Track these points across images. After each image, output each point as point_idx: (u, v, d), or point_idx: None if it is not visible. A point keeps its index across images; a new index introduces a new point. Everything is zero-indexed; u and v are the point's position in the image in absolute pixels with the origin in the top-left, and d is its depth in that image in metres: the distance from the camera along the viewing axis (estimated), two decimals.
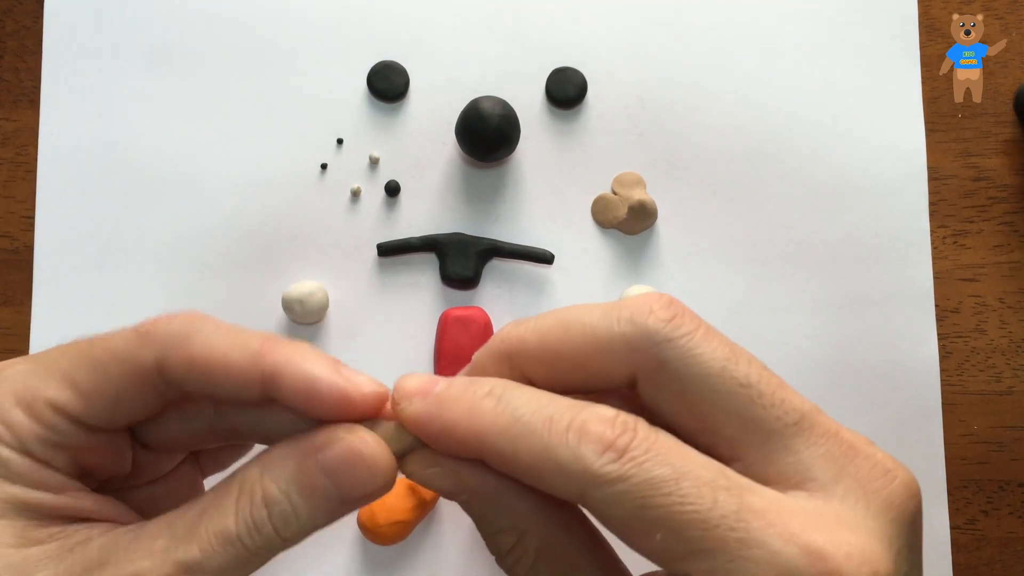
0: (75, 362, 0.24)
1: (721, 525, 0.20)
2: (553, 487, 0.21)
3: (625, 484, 0.20)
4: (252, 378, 0.23)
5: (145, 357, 0.23)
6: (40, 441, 0.23)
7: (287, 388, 0.23)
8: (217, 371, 0.23)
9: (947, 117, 0.51)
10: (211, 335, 0.23)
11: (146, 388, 0.23)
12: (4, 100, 0.51)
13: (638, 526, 0.20)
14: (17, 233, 0.50)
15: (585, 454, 0.21)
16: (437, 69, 0.51)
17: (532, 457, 0.21)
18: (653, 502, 0.20)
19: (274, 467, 0.23)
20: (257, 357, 0.23)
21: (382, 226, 0.50)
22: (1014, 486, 0.49)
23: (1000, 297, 0.50)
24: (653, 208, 0.49)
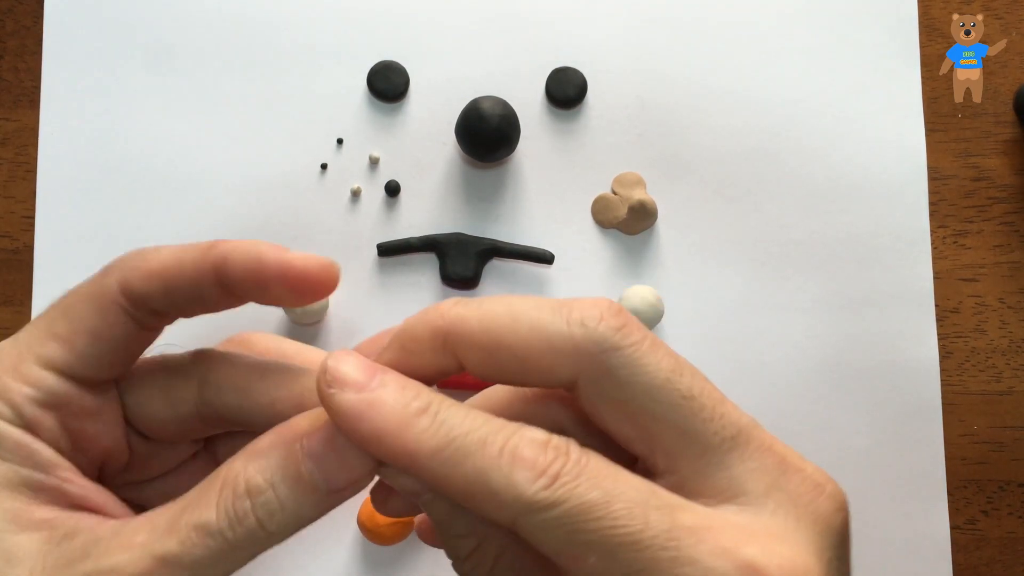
0: (51, 317, 0.25)
1: (653, 545, 0.20)
2: (485, 512, 0.21)
3: (557, 510, 0.20)
4: (205, 270, 0.24)
5: (108, 285, 0.24)
6: (30, 401, 0.24)
7: (237, 270, 0.24)
8: (173, 272, 0.24)
9: (947, 117, 0.51)
10: (163, 249, 0.25)
11: (117, 317, 0.24)
12: (4, 100, 0.51)
13: (571, 551, 0.20)
14: (17, 233, 0.50)
15: (518, 481, 0.21)
16: (437, 69, 0.51)
17: (465, 482, 0.21)
18: (586, 526, 0.20)
19: (258, 456, 0.23)
20: (207, 250, 0.24)
21: (382, 226, 0.50)
22: (1014, 486, 0.49)
23: (1000, 297, 0.50)
24: (653, 208, 0.49)
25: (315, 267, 0.25)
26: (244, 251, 0.24)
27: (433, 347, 0.24)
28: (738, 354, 0.49)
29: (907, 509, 0.48)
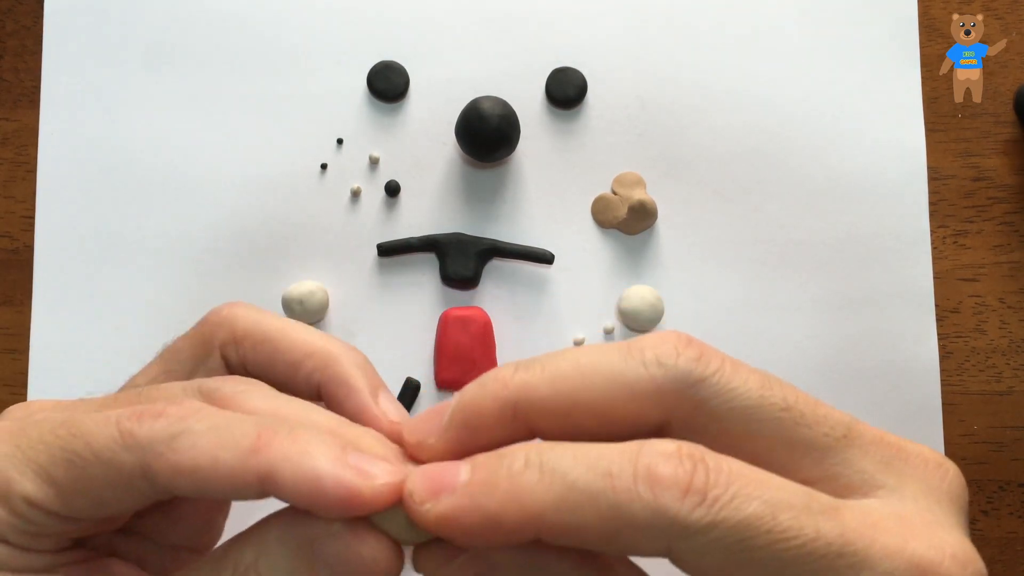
0: (54, 456, 0.21)
1: (828, 554, 0.19)
2: (633, 548, 0.19)
3: (718, 530, 0.18)
4: (247, 481, 0.21)
5: (127, 462, 0.21)
6: (18, 532, 0.22)
7: (287, 490, 0.20)
8: (206, 476, 0.21)
9: (947, 117, 0.51)
10: (199, 437, 0.21)
11: (130, 491, 0.21)
12: (4, 100, 0.51)
13: (737, 571, 0.19)
14: (17, 233, 0.50)
15: (666, 505, 0.19)
16: (437, 69, 0.51)
17: (602, 523, 0.19)
18: (753, 543, 0.18)
19: (270, 553, 0.21)
20: (251, 456, 0.21)
21: (382, 226, 0.50)
22: (1014, 486, 0.49)
23: (1000, 297, 0.50)
24: (653, 208, 0.49)
25: (385, 494, 0.21)
26: (297, 472, 0.21)
27: (501, 421, 0.21)
28: (738, 354, 0.49)
29: None
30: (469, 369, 0.48)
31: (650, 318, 0.48)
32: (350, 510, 0.20)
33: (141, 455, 0.21)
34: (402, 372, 0.49)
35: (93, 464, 0.21)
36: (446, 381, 0.48)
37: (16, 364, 0.49)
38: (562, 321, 0.49)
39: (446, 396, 0.49)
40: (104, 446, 0.21)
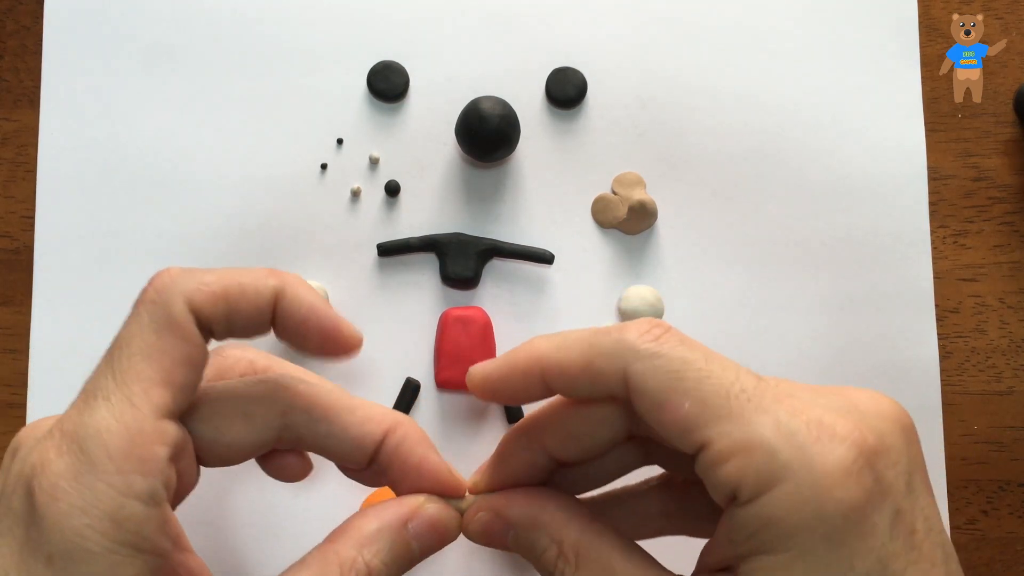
0: (132, 364, 0.25)
1: (740, 397, 0.24)
2: (601, 373, 0.25)
3: (662, 359, 0.25)
4: (267, 298, 0.26)
5: (178, 311, 0.26)
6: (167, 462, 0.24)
7: (290, 309, 0.27)
8: (235, 296, 0.26)
9: (947, 117, 0.51)
10: (216, 271, 0.27)
11: (199, 339, 0.26)
12: (4, 100, 0.51)
13: (670, 397, 0.24)
14: (17, 233, 0.50)
15: (627, 337, 0.25)
16: (437, 69, 0.51)
17: (581, 355, 0.26)
18: (686, 375, 0.24)
19: (372, 543, 0.26)
20: (266, 277, 0.27)
21: (382, 226, 0.50)
22: (1014, 486, 0.49)
23: (1000, 297, 0.50)
24: (653, 208, 0.49)
25: (352, 338, 0.28)
26: (302, 295, 0.27)
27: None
28: (738, 354, 0.49)
29: None
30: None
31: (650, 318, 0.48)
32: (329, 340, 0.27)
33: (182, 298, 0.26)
34: (402, 372, 0.49)
35: (157, 336, 0.25)
36: (446, 381, 0.48)
37: (16, 364, 0.49)
38: (562, 321, 0.49)
39: (446, 396, 0.49)
40: (153, 320, 0.26)
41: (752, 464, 0.23)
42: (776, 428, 0.23)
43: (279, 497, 0.47)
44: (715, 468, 0.24)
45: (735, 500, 0.24)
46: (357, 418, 0.28)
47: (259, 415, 0.27)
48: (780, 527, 0.23)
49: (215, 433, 0.27)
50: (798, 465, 0.23)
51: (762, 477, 0.23)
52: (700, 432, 0.24)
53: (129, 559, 0.22)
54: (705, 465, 0.24)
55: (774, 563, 0.23)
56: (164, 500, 0.23)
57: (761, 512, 0.23)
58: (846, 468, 0.23)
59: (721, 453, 0.24)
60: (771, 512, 0.23)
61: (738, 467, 0.23)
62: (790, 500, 0.23)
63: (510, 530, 0.28)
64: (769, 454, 0.23)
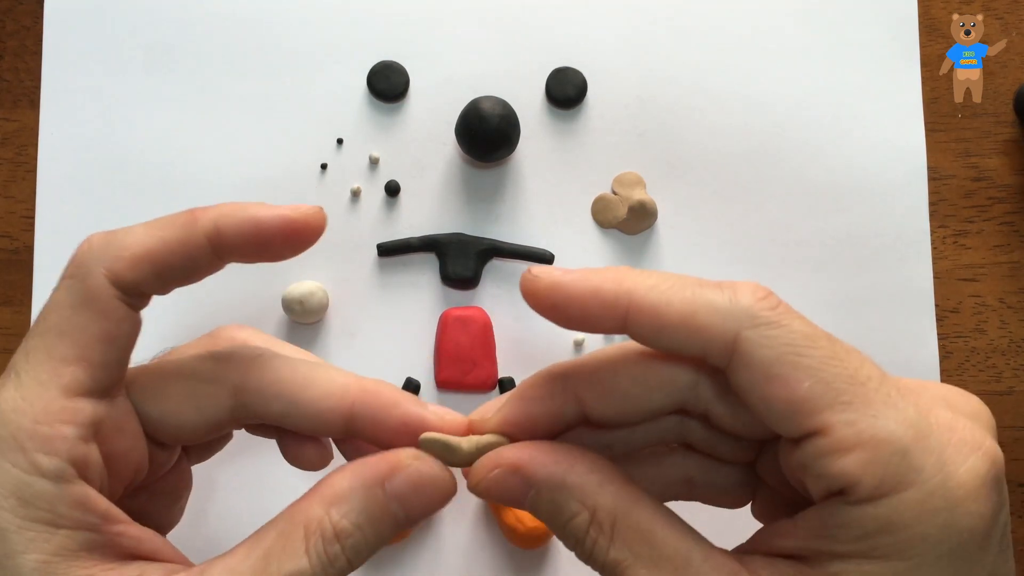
0: (46, 343, 0.24)
1: (868, 384, 0.22)
2: (706, 330, 0.22)
3: (782, 329, 0.22)
4: (198, 244, 0.25)
5: (97, 284, 0.24)
6: (75, 441, 0.23)
7: (233, 236, 0.25)
8: (160, 254, 0.24)
9: (947, 117, 0.51)
10: (136, 230, 0.25)
11: (121, 312, 0.24)
12: (4, 100, 0.51)
13: (787, 372, 0.22)
14: (17, 233, 0.50)
15: (741, 298, 0.22)
16: (437, 69, 0.51)
17: (683, 303, 0.22)
18: (807, 351, 0.22)
19: (341, 502, 0.24)
20: (190, 223, 0.25)
21: (382, 226, 0.50)
22: (1014, 486, 0.49)
23: (1000, 297, 0.50)
24: (653, 208, 0.49)
25: (311, 215, 0.26)
26: (237, 217, 0.25)
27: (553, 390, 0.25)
28: None
29: None
30: (469, 369, 0.48)
31: None
32: (289, 233, 0.25)
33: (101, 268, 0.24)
34: (402, 372, 0.49)
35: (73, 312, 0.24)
36: (446, 381, 0.48)
37: None
38: None
39: (446, 396, 0.49)
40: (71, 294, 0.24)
41: (879, 460, 0.21)
42: (907, 425, 0.21)
43: (283, 482, 0.47)
44: (829, 458, 0.21)
45: (846, 495, 0.21)
46: (315, 394, 0.25)
47: (206, 395, 0.26)
48: (903, 534, 0.21)
49: (160, 413, 0.26)
50: (932, 470, 0.21)
51: (889, 477, 0.21)
52: (818, 416, 0.21)
53: (45, 535, 0.22)
54: (815, 453, 0.22)
55: (886, 571, 0.21)
56: (75, 477, 0.23)
57: (882, 514, 0.21)
58: (981, 480, 0.21)
59: (842, 442, 0.21)
60: (896, 517, 0.21)
61: (861, 461, 0.21)
62: (920, 508, 0.21)
63: (531, 490, 0.24)
64: (900, 452, 0.21)
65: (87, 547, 0.23)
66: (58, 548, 0.22)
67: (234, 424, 0.27)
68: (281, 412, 0.26)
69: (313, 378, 0.26)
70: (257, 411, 0.26)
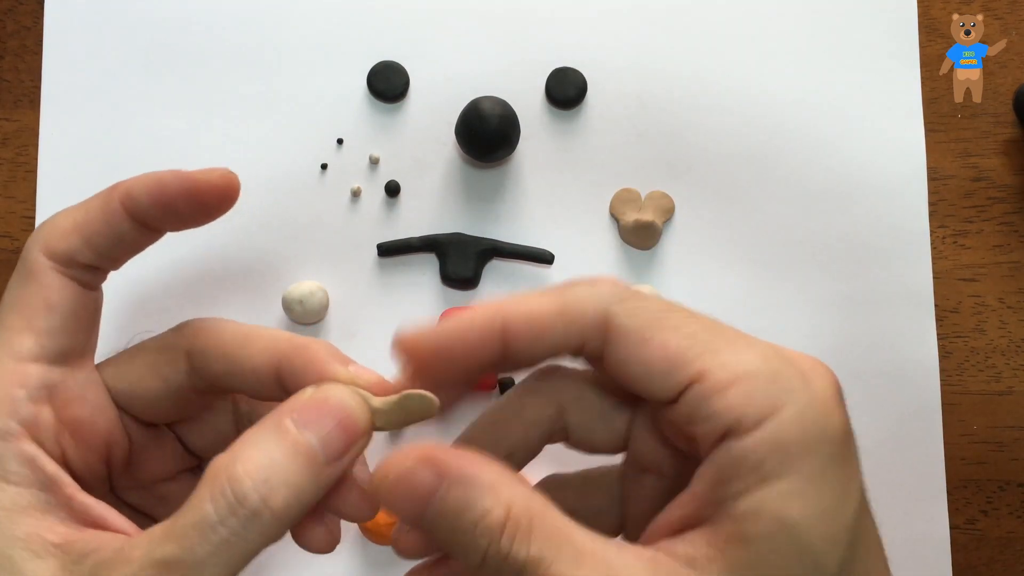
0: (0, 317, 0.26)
1: (727, 334, 0.25)
2: (579, 317, 0.24)
3: (646, 301, 0.24)
4: (115, 210, 0.27)
5: (35, 260, 0.26)
6: (24, 400, 0.24)
7: (143, 199, 0.27)
8: (85, 223, 0.27)
9: (947, 117, 0.51)
10: (69, 209, 0.27)
11: (57, 281, 0.26)
12: (4, 100, 0.51)
13: (656, 334, 0.24)
14: (17, 233, 0.50)
15: (602, 287, 0.24)
16: (437, 69, 0.51)
17: (553, 301, 0.24)
18: (670, 316, 0.24)
19: (248, 443, 0.23)
20: (109, 193, 0.27)
21: (382, 226, 0.50)
22: (1014, 486, 0.49)
23: (1000, 297, 0.50)
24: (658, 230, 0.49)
25: (215, 177, 0.28)
26: (145, 181, 0.27)
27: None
28: None
29: (907, 509, 0.48)
30: None
31: None
32: (192, 194, 0.27)
33: (38, 245, 0.26)
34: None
35: (19, 289, 0.26)
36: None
37: None
38: None
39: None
40: (16, 276, 0.26)
41: (756, 389, 0.23)
42: (769, 357, 0.23)
43: None
44: (712, 399, 0.23)
45: (733, 432, 0.22)
46: (250, 351, 0.26)
47: (164, 362, 0.27)
48: (790, 450, 0.22)
49: (126, 384, 0.27)
50: (800, 389, 0.23)
51: (767, 401, 0.22)
52: (693, 365, 0.23)
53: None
54: (698, 399, 0.23)
55: (785, 490, 0.22)
56: (23, 436, 0.24)
57: (768, 437, 0.22)
58: (836, 395, 0.24)
59: (720, 382, 0.23)
60: (781, 435, 0.22)
61: (741, 394, 0.22)
62: (799, 422, 0.22)
63: (440, 485, 0.22)
64: (771, 378, 0.23)
65: (38, 506, 0.23)
66: (7, 502, 0.23)
67: (194, 393, 0.27)
68: (224, 371, 0.26)
69: (250, 336, 0.27)
70: (204, 373, 0.27)
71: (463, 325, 0.24)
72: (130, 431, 0.28)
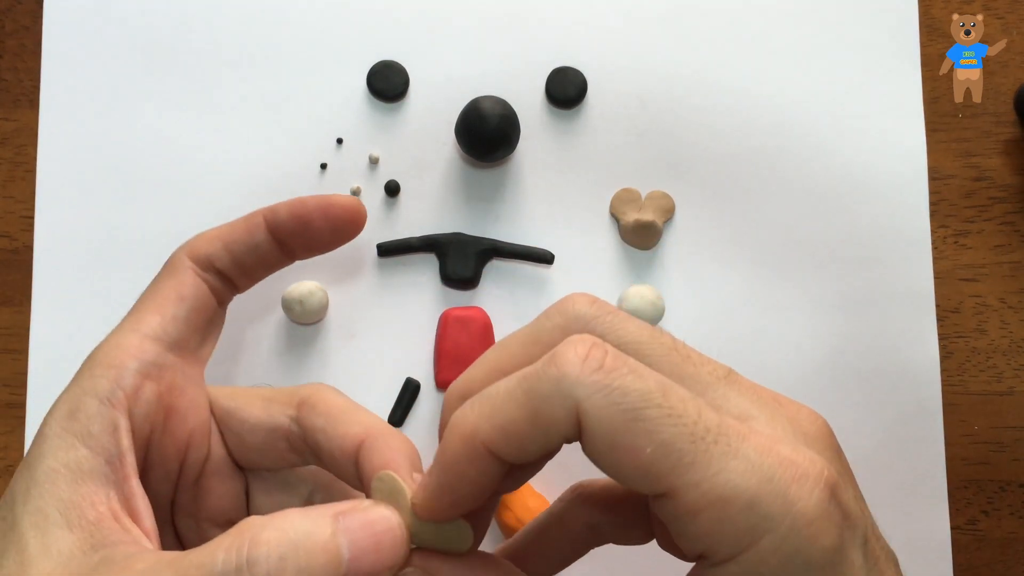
0: (140, 305, 0.29)
1: (706, 438, 0.21)
2: (553, 421, 0.22)
3: (615, 394, 0.21)
4: (257, 223, 0.31)
5: (177, 258, 0.30)
6: (133, 372, 0.27)
7: (283, 214, 0.31)
8: (229, 232, 0.31)
9: (947, 117, 0.51)
10: (219, 226, 0.32)
11: (190, 278, 0.30)
12: (4, 100, 0.51)
13: (628, 440, 0.21)
14: (16, 233, 0.50)
15: (568, 371, 0.21)
16: (437, 69, 0.51)
17: (522, 409, 0.22)
18: (644, 413, 0.21)
19: (288, 516, 0.22)
20: (255, 212, 0.32)
21: (382, 226, 0.50)
22: (1015, 487, 0.49)
23: (1001, 297, 0.50)
24: (658, 229, 0.49)
25: (349, 201, 0.30)
26: (288, 200, 0.30)
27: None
28: (738, 354, 0.49)
29: (907, 509, 0.48)
30: None
31: (651, 317, 0.48)
32: (328, 214, 0.30)
33: (184, 249, 0.31)
34: (402, 372, 0.49)
35: (160, 281, 0.30)
36: (446, 381, 0.48)
37: (16, 364, 0.49)
38: None
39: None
40: (162, 272, 0.31)
41: (729, 518, 0.21)
42: (750, 474, 0.21)
43: None
44: (683, 520, 0.21)
45: (708, 558, 0.22)
46: (347, 420, 0.28)
47: (275, 400, 0.29)
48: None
49: (233, 403, 0.29)
50: (780, 515, 0.21)
51: (742, 532, 0.21)
52: (664, 480, 0.21)
53: (68, 446, 0.25)
54: (671, 515, 0.22)
55: None
56: (120, 404, 0.26)
57: (745, 570, 0.21)
58: (823, 510, 0.21)
59: (690, 505, 0.21)
60: (760, 568, 0.21)
61: (713, 521, 0.21)
62: (778, 554, 0.21)
63: None
64: (748, 505, 0.21)
65: (95, 477, 0.24)
66: (72, 462, 0.24)
67: (288, 440, 0.29)
68: (320, 427, 0.28)
69: (354, 411, 0.28)
70: (305, 423, 0.28)
71: (455, 468, 0.23)
72: (212, 448, 0.29)
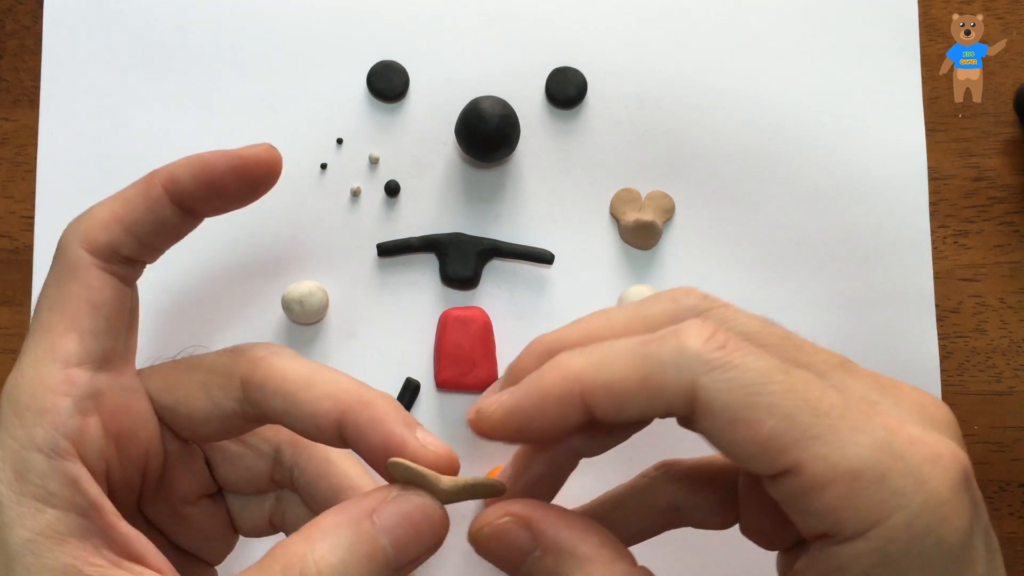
0: (45, 321, 0.24)
1: (831, 413, 0.21)
2: (664, 390, 0.21)
3: (736, 370, 0.21)
4: (158, 197, 0.26)
5: (77, 255, 0.25)
6: (71, 411, 0.23)
7: (187, 181, 0.26)
8: (126, 213, 0.26)
9: (947, 117, 0.51)
10: (105, 201, 0.27)
11: (99, 279, 0.25)
12: (4, 100, 0.51)
13: (748, 414, 0.21)
14: (16, 233, 0.50)
15: (689, 344, 0.21)
16: (437, 69, 0.51)
17: (634, 369, 0.22)
18: (766, 388, 0.21)
19: (327, 537, 0.22)
20: (149, 180, 0.26)
21: (382, 226, 0.50)
22: (1014, 487, 0.49)
23: (1000, 297, 0.50)
24: (658, 229, 0.49)
25: (261, 151, 0.26)
26: (188, 163, 0.26)
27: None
28: None
29: None
30: (469, 369, 0.48)
31: None
32: (240, 171, 0.26)
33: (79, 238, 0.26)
34: (402, 372, 0.49)
35: (59, 288, 0.25)
36: (446, 381, 0.48)
37: None
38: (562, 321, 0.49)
39: (446, 396, 0.49)
40: (57, 273, 0.26)
41: (859, 492, 0.20)
42: (880, 449, 0.20)
43: None
44: (808, 496, 0.20)
45: (834, 536, 0.21)
46: (312, 394, 0.25)
47: (216, 385, 0.26)
48: (899, 563, 0.20)
49: (174, 400, 0.26)
50: (912, 491, 0.20)
51: (874, 506, 0.20)
52: (787, 454, 0.20)
53: (34, 511, 0.22)
54: (793, 492, 0.21)
55: None
56: (70, 453, 0.22)
57: (875, 547, 0.20)
58: (956, 492, 0.21)
59: (817, 479, 0.20)
60: (889, 546, 0.20)
61: (841, 496, 0.20)
62: (910, 531, 0.20)
63: (535, 549, 0.23)
64: (878, 479, 0.20)
65: (77, 533, 0.22)
66: (46, 527, 0.22)
67: (243, 420, 0.26)
68: (281, 409, 0.25)
69: (314, 378, 0.25)
70: (260, 406, 0.26)
71: (541, 398, 0.23)
72: (166, 444, 0.27)
